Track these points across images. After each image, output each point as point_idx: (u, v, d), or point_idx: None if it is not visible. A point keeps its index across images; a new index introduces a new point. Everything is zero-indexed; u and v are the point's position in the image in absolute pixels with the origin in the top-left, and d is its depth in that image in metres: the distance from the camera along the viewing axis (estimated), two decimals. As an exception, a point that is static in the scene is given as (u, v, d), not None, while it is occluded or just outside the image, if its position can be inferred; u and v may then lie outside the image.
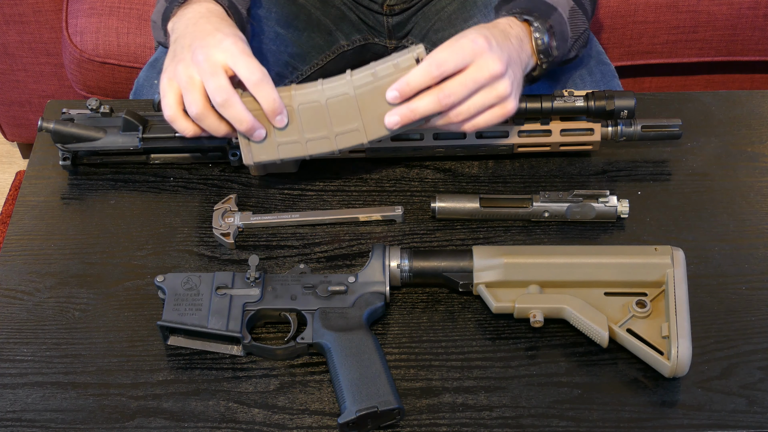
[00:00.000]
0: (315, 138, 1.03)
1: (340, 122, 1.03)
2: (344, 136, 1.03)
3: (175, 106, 1.02)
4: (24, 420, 0.93)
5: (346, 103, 1.02)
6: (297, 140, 1.04)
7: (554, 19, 1.10)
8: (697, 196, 1.13)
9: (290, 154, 1.04)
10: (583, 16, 1.16)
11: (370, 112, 1.02)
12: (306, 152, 1.04)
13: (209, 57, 0.99)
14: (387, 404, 0.90)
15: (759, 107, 1.24)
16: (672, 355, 0.92)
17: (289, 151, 1.04)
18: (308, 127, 1.03)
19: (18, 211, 1.12)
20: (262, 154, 1.04)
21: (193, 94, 1.00)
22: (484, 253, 1.00)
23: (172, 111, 1.02)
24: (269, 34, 1.39)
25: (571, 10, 1.14)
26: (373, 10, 1.45)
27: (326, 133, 1.03)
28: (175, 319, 0.96)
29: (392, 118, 1.00)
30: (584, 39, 1.19)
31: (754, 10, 1.77)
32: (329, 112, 1.03)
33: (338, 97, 1.02)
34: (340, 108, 1.03)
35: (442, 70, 0.98)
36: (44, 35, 1.87)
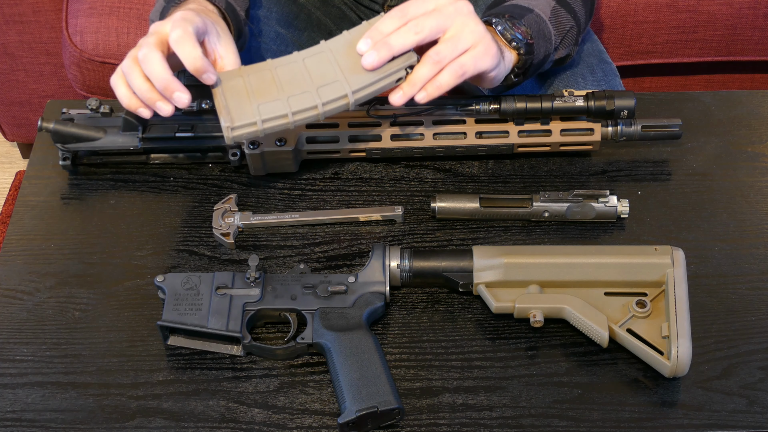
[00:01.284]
0: (296, 93, 1.00)
1: (320, 78, 1.01)
2: (327, 88, 1.01)
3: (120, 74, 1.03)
4: (24, 420, 0.93)
5: (322, 59, 1.02)
6: (278, 98, 1.00)
7: (528, 18, 1.12)
8: (697, 196, 1.13)
9: (272, 114, 0.99)
10: (568, 15, 1.17)
11: (348, 66, 1.01)
12: (288, 109, 0.99)
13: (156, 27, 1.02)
14: (387, 404, 0.90)
15: (759, 107, 1.24)
16: (672, 355, 0.92)
17: (271, 111, 0.99)
18: (288, 85, 1.01)
19: (18, 211, 1.12)
20: (242, 117, 0.99)
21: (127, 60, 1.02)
22: (484, 253, 1.00)
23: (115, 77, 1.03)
24: (270, 34, 1.39)
25: (553, 10, 1.15)
26: (373, 10, 1.45)
27: (308, 88, 1.01)
28: (175, 319, 0.96)
29: (369, 56, 1.00)
30: (573, 37, 1.19)
31: (754, 10, 1.77)
32: (308, 69, 1.02)
33: (315, 56, 1.03)
34: (317, 65, 1.02)
35: (405, 11, 1.01)
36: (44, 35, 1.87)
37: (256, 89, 1.01)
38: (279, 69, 1.03)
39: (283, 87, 1.01)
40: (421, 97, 1.02)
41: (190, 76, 1.03)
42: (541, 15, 1.13)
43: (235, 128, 0.99)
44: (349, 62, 1.02)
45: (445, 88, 1.02)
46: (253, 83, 1.02)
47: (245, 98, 1.00)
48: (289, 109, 1.00)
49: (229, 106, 1.00)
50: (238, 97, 1.01)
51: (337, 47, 1.03)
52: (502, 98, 1.11)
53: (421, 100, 1.02)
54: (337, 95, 1.00)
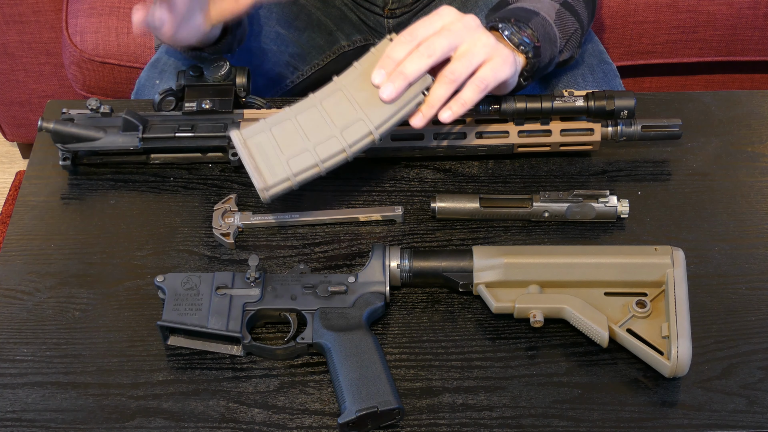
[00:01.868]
0: (322, 140, 1.02)
1: (341, 118, 1.02)
2: (350, 130, 1.02)
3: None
4: (24, 420, 0.93)
5: (339, 99, 1.03)
6: (305, 148, 1.02)
7: (535, 22, 1.11)
8: (697, 196, 1.13)
9: (302, 166, 1.02)
10: (572, 17, 1.17)
11: (365, 100, 1.02)
12: (317, 158, 1.02)
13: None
14: (387, 404, 0.90)
15: (759, 107, 1.24)
16: (672, 355, 0.92)
17: (301, 163, 1.02)
18: (312, 133, 1.02)
19: (18, 211, 1.12)
20: (275, 175, 1.01)
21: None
22: (484, 253, 1.00)
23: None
24: (270, 34, 1.39)
25: (557, 13, 1.15)
26: (374, 12, 1.45)
27: (332, 132, 1.02)
28: (175, 319, 0.96)
29: (386, 89, 1.00)
30: (577, 39, 1.19)
31: (754, 10, 1.77)
32: (327, 112, 1.03)
33: (330, 97, 1.03)
34: (336, 106, 1.03)
35: (414, 34, 1.00)
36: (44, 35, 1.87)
37: (282, 142, 1.03)
38: (300, 117, 1.03)
39: (308, 135, 1.02)
40: (447, 116, 1.02)
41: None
42: (547, 18, 1.13)
43: (269, 189, 1.01)
44: (364, 96, 1.02)
45: (470, 104, 1.02)
46: (278, 136, 1.03)
47: (273, 154, 1.02)
48: (318, 159, 1.02)
49: (259, 166, 1.02)
50: (265, 154, 1.02)
51: (350, 82, 1.03)
52: (502, 98, 1.11)
53: (447, 119, 1.02)
54: (362, 134, 1.02)
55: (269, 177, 1.01)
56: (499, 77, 1.03)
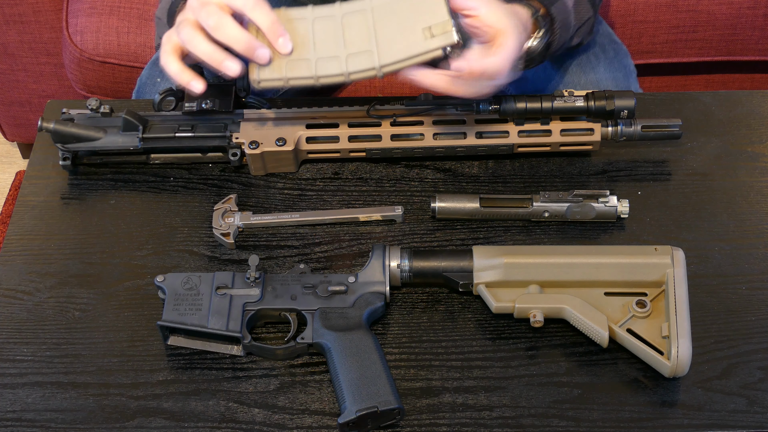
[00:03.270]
0: (326, 56, 1.01)
1: (353, 42, 1.00)
2: (356, 57, 1.00)
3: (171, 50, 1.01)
4: (24, 420, 0.93)
5: (361, 20, 1.01)
6: (307, 58, 1.00)
7: (557, 8, 1.11)
8: (697, 196, 1.13)
9: (298, 73, 1.00)
10: (588, 4, 1.17)
11: (384, 34, 1.00)
12: (314, 72, 1.00)
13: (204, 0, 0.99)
14: (387, 404, 0.90)
15: (759, 107, 1.24)
16: (672, 355, 0.92)
17: (298, 69, 1.00)
18: (320, 44, 1.01)
19: (18, 211, 1.12)
20: (270, 71, 1.00)
21: (185, 29, 0.99)
22: (484, 253, 1.00)
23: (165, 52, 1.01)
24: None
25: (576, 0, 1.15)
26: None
27: (338, 52, 1.01)
28: (175, 319, 0.96)
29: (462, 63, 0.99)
30: (589, 26, 1.20)
31: (754, 10, 1.77)
32: (343, 29, 1.01)
33: (354, 14, 1.01)
34: (354, 26, 1.01)
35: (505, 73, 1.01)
36: (44, 35, 1.87)
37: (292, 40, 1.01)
38: (316, 22, 1.01)
39: (316, 45, 1.01)
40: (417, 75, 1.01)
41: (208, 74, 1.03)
42: (567, 3, 1.13)
43: (261, 81, 1.01)
44: (385, 30, 1.00)
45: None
46: (289, 32, 1.01)
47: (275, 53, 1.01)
48: (315, 72, 1.01)
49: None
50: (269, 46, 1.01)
51: (380, 7, 1.01)
52: (502, 98, 1.11)
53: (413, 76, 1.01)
54: (366, 66, 1.00)
55: (264, 72, 1.01)
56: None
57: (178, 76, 1.01)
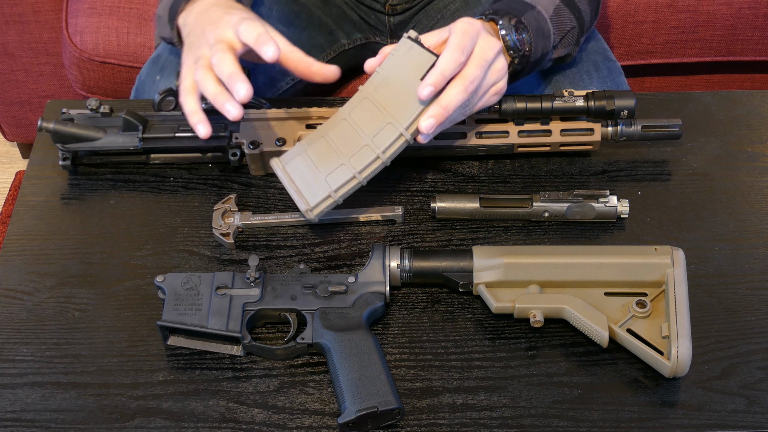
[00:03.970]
0: (355, 151, 1.03)
1: (371, 126, 1.03)
2: (380, 135, 1.03)
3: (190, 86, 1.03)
4: (24, 420, 0.93)
5: (366, 107, 1.04)
6: (341, 162, 1.03)
7: (528, 16, 1.12)
8: (697, 196, 1.13)
9: (341, 181, 1.03)
10: (571, 14, 1.17)
11: (391, 103, 1.02)
12: (354, 170, 1.02)
13: (219, 36, 1.02)
14: (387, 404, 0.90)
15: (759, 107, 1.24)
16: (672, 355, 0.92)
17: (339, 178, 1.03)
18: (345, 146, 1.03)
19: (18, 211, 1.12)
20: (315, 195, 1.03)
21: (200, 69, 1.01)
22: (484, 253, 1.00)
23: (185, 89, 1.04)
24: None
25: (556, 9, 1.15)
26: (375, 9, 1.45)
27: (363, 141, 1.03)
28: (175, 319, 0.96)
29: (427, 121, 1.01)
30: (573, 37, 1.19)
31: (754, 10, 1.77)
32: (356, 123, 1.04)
33: (357, 107, 1.04)
34: (364, 114, 1.03)
35: (466, 54, 1.01)
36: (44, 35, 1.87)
37: (318, 161, 1.04)
38: (331, 133, 1.05)
39: (341, 149, 1.04)
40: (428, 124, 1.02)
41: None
42: (543, 13, 1.13)
43: (313, 209, 1.03)
44: (390, 100, 1.03)
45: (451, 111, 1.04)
46: (313, 156, 1.04)
47: (311, 175, 1.04)
48: (354, 170, 1.03)
49: (300, 188, 1.04)
50: (304, 176, 1.04)
51: (375, 89, 1.04)
52: (502, 98, 1.11)
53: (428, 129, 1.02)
54: (393, 138, 1.02)
55: (311, 198, 1.03)
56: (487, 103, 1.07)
57: (190, 116, 1.04)
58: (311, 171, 1.04)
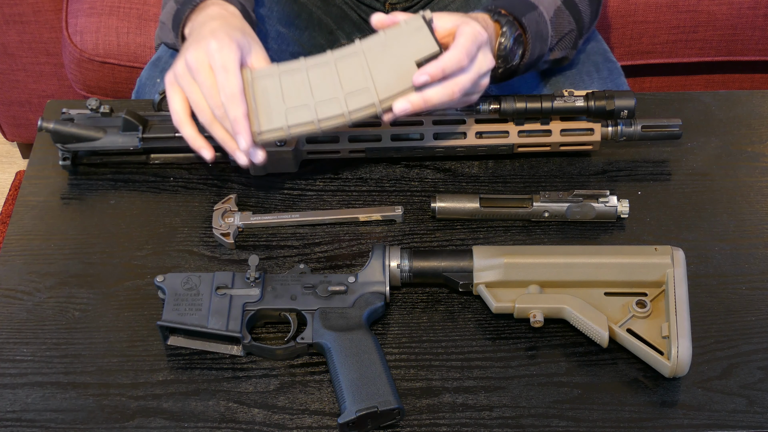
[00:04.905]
0: (324, 99, 1.01)
1: (350, 83, 1.01)
2: (355, 96, 1.01)
3: (182, 111, 1.04)
4: (24, 420, 0.93)
5: (355, 63, 1.02)
6: (306, 103, 1.01)
7: (530, 17, 1.12)
8: (697, 196, 1.13)
9: (299, 120, 1.01)
10: (570, 17, 1.17)
11: (379, 71, 1.01)
12: (315, 116, 1.01)
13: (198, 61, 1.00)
14: (387, 404, 0.90)
15: (759, 107, 1.24)
16: (672, 355, 0.92)
17: (298, 116, 1.01)
18: (318, 90, 1.01)
19: (18, 211, 1.12)
20: (271, 122, 1.01)
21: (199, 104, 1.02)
22: (484, 253, 1.00)
23: (178, 116, 1.04)
24: (271, 33, 1.39)
25: (556, 10, 1.15)
26: (375, 9, 1.45)
27: (336, 94, 1.01)
28: (175, 319, 0.96)
29: (403, 105, 1.00)
30: (571, 40, 1.20)
31: (754, 10, 1.77)
32: (339, 72, 1.02)
33: (347, 57, 1.02)
34: (349, 68, 1.02)
35: (469, 60, 1.01)
36: (44, 35, 1.87)
37: (287, 91, 1.02)
38: (311, 71, 1.02)
39: (313, 91, 1.02)
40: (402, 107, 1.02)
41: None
42: (544, 14, 1.13)
43: (262, 133, 1.01)
44: (379, 67, 1.01)
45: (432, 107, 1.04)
46: (285, 84, 1.02)
47: (275, 101, 1.01)
48: (316, 117, 1.01)
49: (258, 109, 1.01)
50: (267, 99, 1.02)
51: (371, 49, 1.02)
52: (502, 98, 1.11)
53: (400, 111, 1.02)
54: (365, 104, 1.01)
55: (265, 122, 1.01)
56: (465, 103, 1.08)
57: (191, 141, 1.04)
58: (276, 98, 1.02)
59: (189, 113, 1.04)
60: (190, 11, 1.11)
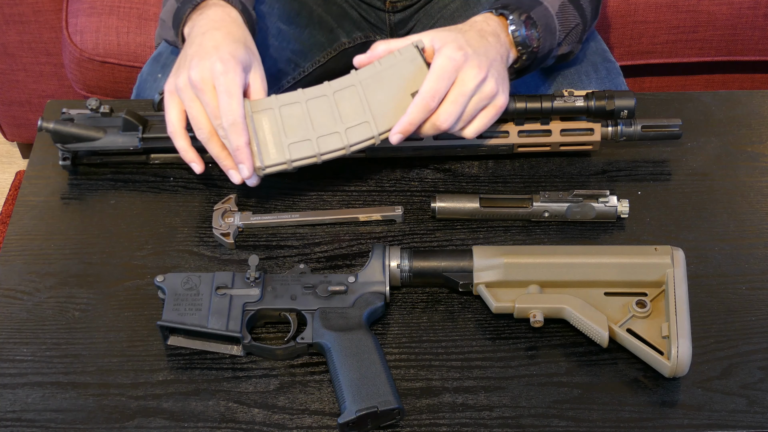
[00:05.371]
0: (325, 134, 1.03)
1: (349, 116, 1.03)
2: (354, 130, 1.03)
3: (177, 123, 1.06)
4: (24, 420, 0.93)
5: (352, 95, 1.04)
6: (307, 138, 1.03)
7: (537, 12, 1.12)
8: (697, 196, 1.13)
9: (301, 155, 1.03)
10: (575, 11, 1.17)
11: (376, 102, 1.03)
12: (317, 150, 1.03)
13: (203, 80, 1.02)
14: (387, 404, 0.90)
15: (759, 107, 1.24)
16: (672, 355, 0.92)
17: (300, 151, 1.03)
18: (318, 123, 1.03)
19: (18, 211, 1.12)
20: (273, 157, 1.03)
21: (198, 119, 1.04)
22: (484, 253, 1.00)
23: (173, 127, 1.06)
24: (272, 30, 1.39)
25: (561, 5, 1.15)
26: (375, 7, 1.45)
27: (336, 128, 1.03)
28: (175, 319, 0.96)
29: (395, 137, 1.04)
30: (577, 35, 1.20)
31: (754, 10, 1.77)
32: (337, 105, 1.04)
33: (345, 89, 1.04)
34: (347, 100, 1.04)
35: (437, 99, 1.03)
36: (44, 35, 1.87)
37: (287, 125, 1.04)
38: (310, 103, 1.04)
39: (313, 125, 1.04)
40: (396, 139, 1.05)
41: None
42: (550, 9, 1.14)
43: (265, 169, 1.03)
44: (376, 98, 1.04)
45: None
46: (285, 117, 1.04)
47: (276, 135, 1.03)
48: (317, 151, 1.03)
49: (259, 143, 1.03)
50: (266, 133, 1.04)
51: (367, 79, 1.05)
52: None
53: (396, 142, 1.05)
54: (364, 137, 1.04)
55: (266, 158, 1.03)
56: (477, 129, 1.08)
57: (182, 153, 1.07)
58: (276, 132, 1.03)
59: (184, 126, 1.06)
60: (191, 10, 1.11)
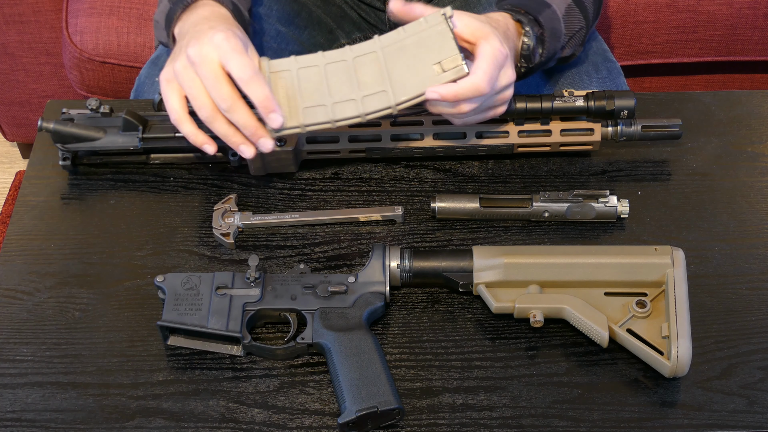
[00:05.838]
0: (342, 100, 1.01)
1: (367, 84, 1.01)
2: (371, 98, 1.01)
3: (180, 109, 1.01)
4: (24, 420, 0.93)
5: (372, 61, 1.01)
6: (323, 103, 1.00)
7: (546, 15, 1.12)
8: (697, 196, 1.13)
9: (315, 119, 1.00)
10: (580, 14, 1.17)
11: (396, 72, 1.01)
12: (332, 116, 1.00)
13: (203, 55, 0.97)
14: (387, 404, 0.90)
15: (759, 107, 1.24)
16: (672, 355, 0.92)
17: (315, 115, 1.00)
18: (335, 89, 1.01)
19: (18, 211, 1.12)
20: (287, 120, 1.00)
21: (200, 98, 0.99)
22: (484, 253, 1.00)
23: (177, 114, 1.01)
24: (270, 32, 1.39)
25: (567, 8, 1.15)
26: (375, 7, 1.45)
27: (353, 95, 1.01)
28: (175, 319, 0.96)
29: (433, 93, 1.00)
30: (580, 38, 1.20)
31: (754, 10, 1.77)
32: (356, 71, 1.01)
33: (365, 55, 1.01)
34: (366, 66, 1.01)
35: (490, 85, 1.00)
36: (44, 35, 1.87)
37: (304, 88, 1.01)
38: (329, 67, 1.02)
39: (330, 90, 1.01)
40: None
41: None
42: (557, 12, 1.13)
43: (280, 131, 1.00)
44: (397, 68, 1.01)
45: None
46: (302, 79, 1.01)
47: (292, 98, 1.00)
48: (332, 117, 1.00)
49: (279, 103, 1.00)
50: (282, 95, 1.01)
51: (389, 46, 1.01)
52: (502, 98, 1.11)
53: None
54: (381, 106, 1.01)
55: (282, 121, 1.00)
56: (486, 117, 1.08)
57: (192, 138, 1.03)
58: (292, 95, 1.01)
59: (187, 110, 1.02)
60: (181, 11, 1.10)
